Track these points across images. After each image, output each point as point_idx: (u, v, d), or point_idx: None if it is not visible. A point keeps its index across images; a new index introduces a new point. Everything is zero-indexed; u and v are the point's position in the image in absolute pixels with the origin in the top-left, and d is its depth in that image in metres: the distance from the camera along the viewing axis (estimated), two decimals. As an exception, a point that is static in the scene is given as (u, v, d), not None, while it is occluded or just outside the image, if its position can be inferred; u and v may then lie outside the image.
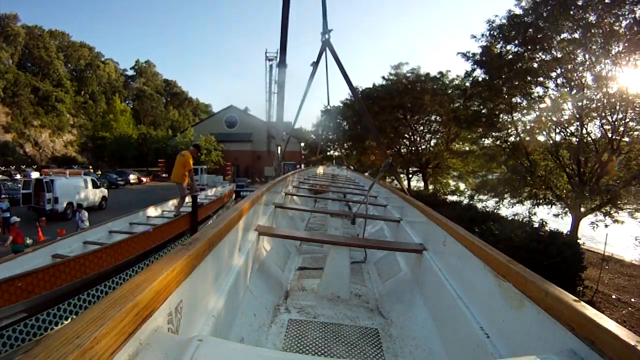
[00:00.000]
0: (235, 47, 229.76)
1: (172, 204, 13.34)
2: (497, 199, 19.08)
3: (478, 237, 2.53)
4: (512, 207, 18.37)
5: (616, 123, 15.21)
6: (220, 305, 2.10)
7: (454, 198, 27.54)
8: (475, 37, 18.54)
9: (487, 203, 20.06)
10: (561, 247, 10.97)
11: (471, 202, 20.96)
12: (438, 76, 27.39)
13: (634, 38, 13.92)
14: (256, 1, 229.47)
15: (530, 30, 16.52)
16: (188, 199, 11.73)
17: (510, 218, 16.71)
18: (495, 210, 18.56)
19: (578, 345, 1.30)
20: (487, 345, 1.86)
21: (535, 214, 16.72)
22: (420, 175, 32.39)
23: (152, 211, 12.31)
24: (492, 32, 17.88)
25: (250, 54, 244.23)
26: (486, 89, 18.49)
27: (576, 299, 1.42)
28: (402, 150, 31.49)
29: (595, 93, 15.61)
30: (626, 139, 15.44)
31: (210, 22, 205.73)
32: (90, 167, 49.81)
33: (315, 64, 7.59)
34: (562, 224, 17.27)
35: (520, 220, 15.53)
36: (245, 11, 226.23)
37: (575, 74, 16.21)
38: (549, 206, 17.47)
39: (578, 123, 16.39)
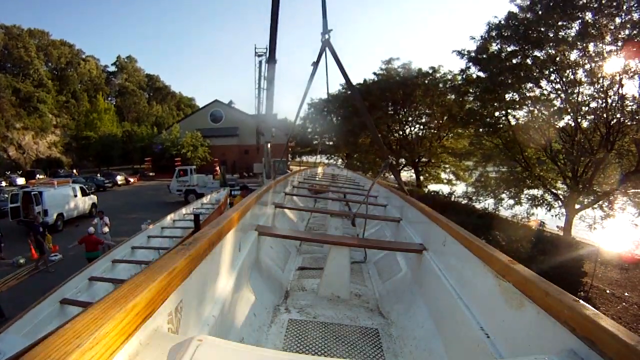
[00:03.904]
0: (218, 39, 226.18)
1: (170, 218, 13.10)
2: (495, 201, 19.37)
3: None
4: (512, 208, 18.66)
5: (611, 120, 15.33)
6: (220, 305, 2.11)
7: (444, 189, 27.89)
8: (474, 38, 18.83)
9: (485, 204, 20.38)
10: (562, 251, 11.16)
11: (470, 201, 21.06)
12: (430, 71, 27.40)
13: (631, 38, 14.00)
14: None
15: (526, 28, 16.65)
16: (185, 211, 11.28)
17: (509, 219, 16.88)
18: (495, 211, 18.88)
19: (578, 345, 1.30)
20: (487, 345, 1.87)
21: (533, 214, 16.92)
22: (412, 169, 32.52)
23: (152, 230, 11.98)
24: (490, 33, 18.05)
25: (233, 45, 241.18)
26: (482, 88, 18.67)
27: (576, 299, 1.43)
28: (391, 140, 31.55)
29: (589, 90, 15.86)
30: (619, 141, 15.59)
31: (191, 13, 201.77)
32: (75, 170, 48.90)
33: (315, 64, 7.52)
34: (553, 219, 17.64)
35: (518, 222, 15.64)
36: (226, 2, 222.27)
37: (569, 71, 16.33)
38: (548, 208, 17.68)
39: (569, 118, 16.70)
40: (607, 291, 13.94)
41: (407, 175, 34.50)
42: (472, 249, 2.39)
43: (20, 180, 36.76)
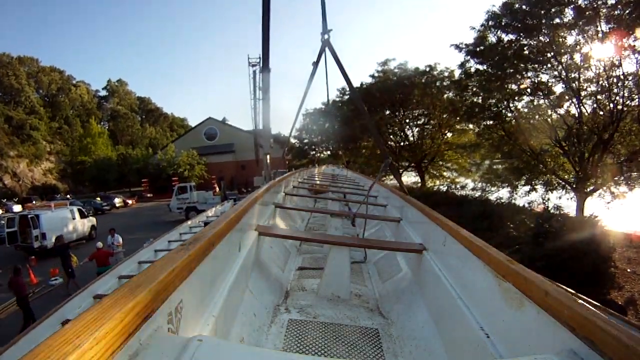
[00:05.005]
0: (206, 56, 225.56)
1: (176, 231, 12.63)
2: (510, 190, 19.68)
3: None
4: (528, 194, 18.93)
5: (613, 99, 15.60)
6: (220, 305, 2.11)
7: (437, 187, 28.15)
8: (474, 28, 18.90)
9: (499, 194, 20.61)
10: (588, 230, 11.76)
11: (483, 193, 21.51)
12: (427, 70, 27.47)
13: (623, 18, 14.29)
14: (229, 4, 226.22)
15: (524, 17, 16.83)
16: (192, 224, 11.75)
17: (526, 207, 17.39)
18: (510, 200, 19.31)
19: (578, 345, 1.29)
20: (487, 345, 1.86)
21: (549, 199, 17.06)
22: (416, 170, 32.37)
23: (159, 244, 11.46)
24: (488, 22, 18.22)
25: (224, 61, 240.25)
26: (483, 80, 18.86)
27: (575, 298, 1.41)
28: (391, 144, 31.39)
29: (588, 73, 16.21)
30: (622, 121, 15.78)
31: (179, 30, 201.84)
32: (69, 195, 48.32)
33: (315, 64, 7.41)
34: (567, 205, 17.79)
35: (535, 208, 15.98)
36: (215, 16, 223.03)
37: (566, 57, 16.58)
38: (564, 191, 18.01)
39: (570, 103, 17.12)
40: (628, 270, 13.92)
41: (408, 179, 34.15)
42: (472, 249, 2.39)
43: (17, 208, 36.26)
